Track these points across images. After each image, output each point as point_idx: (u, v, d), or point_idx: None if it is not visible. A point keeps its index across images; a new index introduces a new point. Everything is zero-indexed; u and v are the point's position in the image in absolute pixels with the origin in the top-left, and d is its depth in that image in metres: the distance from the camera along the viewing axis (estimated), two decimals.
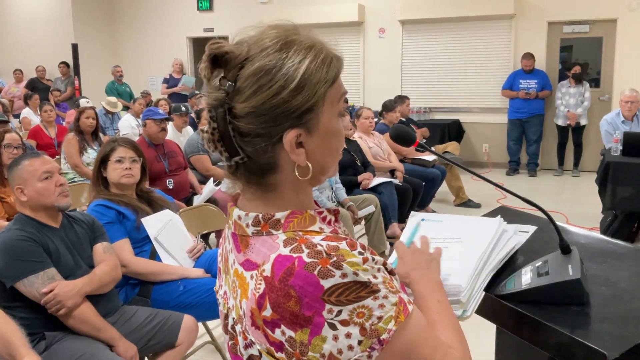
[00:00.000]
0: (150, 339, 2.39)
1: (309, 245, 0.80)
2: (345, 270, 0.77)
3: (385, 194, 4.89)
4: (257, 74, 0.82)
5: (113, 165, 2.80)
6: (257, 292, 0.81)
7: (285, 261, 0.80)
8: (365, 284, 0.78)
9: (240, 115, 0.83)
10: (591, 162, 8.10)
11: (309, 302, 0.77)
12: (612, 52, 8.18)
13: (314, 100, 0.83)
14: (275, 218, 0.86)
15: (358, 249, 0.81)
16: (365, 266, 0.79)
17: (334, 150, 0.89)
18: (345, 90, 0.90)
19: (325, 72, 0.84)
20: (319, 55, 0.84)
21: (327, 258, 0.78)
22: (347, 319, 0.77)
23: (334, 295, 0.76)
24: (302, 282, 0.77)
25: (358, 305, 0.77)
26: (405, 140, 1.05)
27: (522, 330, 1.15)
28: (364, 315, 0.77)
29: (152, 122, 4.52)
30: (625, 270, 1.22)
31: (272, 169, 0.86)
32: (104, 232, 2.49)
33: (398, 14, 9.16)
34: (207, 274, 2.78)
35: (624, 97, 5.51)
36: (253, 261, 0.85)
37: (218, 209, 3.68)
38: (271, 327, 0.80)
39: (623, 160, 4.77)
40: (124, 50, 11.63)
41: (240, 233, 0.89)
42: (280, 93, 0.81)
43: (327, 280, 0.77)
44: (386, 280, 0.81)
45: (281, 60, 0.82)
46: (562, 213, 5.87)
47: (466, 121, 9.00)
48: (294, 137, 0.83)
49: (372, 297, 0.78)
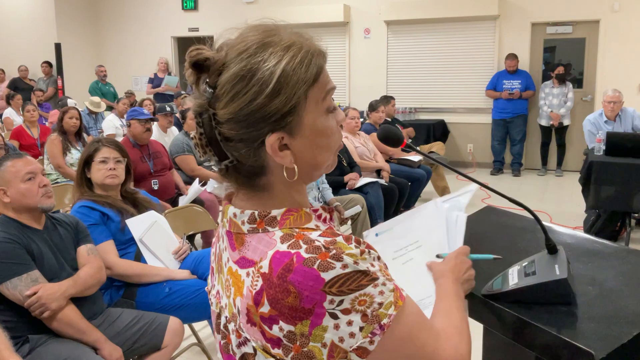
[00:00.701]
0: (136, 342, 2.37)
1: (307, 241, 0.80)
2: (346, 261, 0.78)
3: (372, 194, 4.90)
4: (233, 80, 0.81)
5: (97, 165, 2.77)
6: (254, 288, 0.81)
7: (284, 257, 0.80)
8: (366, 272, 0.79)
9: (222, 121, 0.83)
10: (574, 161, 8.19)
11: (309, 296, 0.77)
12: (594, 53, 8.27)
13: (293, 102, 0.82)
14: (271, 215, 0.86)
15: (354, 242, 0.82)
16: (364, 256, 0.80)
17: (325, 148, 0.88)
18: (333, 85, 0.88)
19: (305, 71, 0.82)
20: (297, 54, 0.82)
21: (326, 252, 0.78)
22: (349, 307, 0.78)
23: (336, 286, 0.77)
24: (301, 277, 0.77)
25: (360, 293, 0.78)
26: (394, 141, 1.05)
27: (509, 330, 1.15)
28: (365, 303, 0.78)
29: (137, 123, 4.48)
30: (611, 269, 1.23)
31: (261, 171, 0.86)
32: (88, 234, 2.47)
33: (383, 15, 9.19)
34: (193, 276, 2.76)
35: (607, 98, 5.57)
36: (249, 258, 0.85)
37: (204, 210, 3.66)
38: (269, 323, 0.80)
39: (606, 160, 4.82)
40: (107, 49, 11.53)
41: (236, 231, 0.88)
42: (257, 98, 0.80)
43: (327, 273, 0.77)
44: (382, 269, 0.82)
45: (256, 65, 0.81)
46: (546, 212, 5.92)
47: (451, 121, 9.05)
48: (275, 141, 0.82)
49: (373, 284, 0.79)
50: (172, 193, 4.67)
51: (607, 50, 8.10)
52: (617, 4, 7.96)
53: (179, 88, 10.13)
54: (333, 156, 0.91)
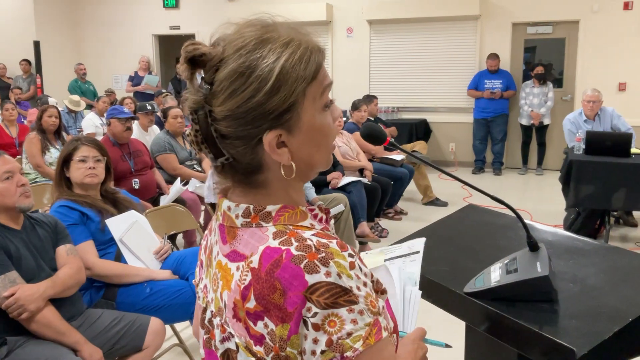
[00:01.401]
0: (116, 343, 2.34)
1: (299, 239, 0.79)
2: (331, 269, 0.76)
3: (355, 193, 4.90)
4: (231, 77, 0.80)
5: (76, 164, 2.73)
6: (243, 283, 0.80)
7: (273, 253, 0.79)
8: (346, 290, 0.76)
9: (219, 118, 0.82)
10: (554, 160, 8.28)
11: (292, 297, 0.75)
12: (574, 53, 8.36)
13: (292, 100, 0.81)
14: (266, 210, 0.85)
15: (348, 251, 0.79)
16: (351, 272, 0.77)
17: (321, 145, 0.87)
18: (330, 80, 0.87)
19: (304, 68, 0.81)
20: (296, 51, 0.81)
21: (315, 253, 0.77)
22: (319, 323, 0.75)
23: (315, 294, 0.75)
24: (288, 274, 0.76)
25: (332, 312, 0.75)
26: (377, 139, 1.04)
27: (492, 327, 1.16)
28: (335, 325, 0.75)
29: (117, 121, 4.43)
30: (592, 267, 1.24)
31: (258, 169, 0.85)
32: (67, 234, 2.43)
33: (366, 14, 9.20)
34: (175, 276, 2.74)
35: (586, 97, 5.63)
36: (240, 252, 0.84)
37: (186, 209, 3.63)
38: (254, 319, 0.79)
39: (585, 159, 4.88)
40: (87, 47, 11.40)
41: (229, 224, 0.87)
42: (255, 96, 0.79)
43: (311, 276, 0.75)
44: (369, 297, 0.78)
45: (255, 61, 0.80)
46: (527, 211, 5.98)
47: (433, 121, 9.09)
48: (273, 138, 0.81)
49: (348, 308, 0.75)
50: (154, 192, 4.63)
51: (587, 50, 8.20)
52: (596, 5, 8.06)
53: (159, 87, 10.05)
54: (329, 155, 0.90)
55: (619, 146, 4.88)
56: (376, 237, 5.14)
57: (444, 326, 1.73)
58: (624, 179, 4.68)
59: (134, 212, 2.85)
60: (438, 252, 1.45)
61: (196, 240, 4.59)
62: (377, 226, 5.44)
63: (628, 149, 4.88)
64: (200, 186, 4.65)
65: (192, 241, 4.59)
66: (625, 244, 5.07)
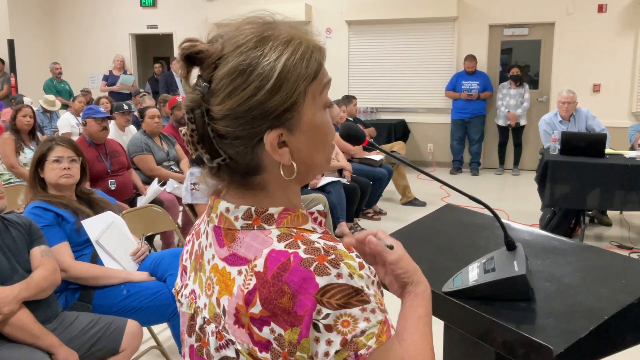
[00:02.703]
0: (92, 346, 2.31)
1: (306, 242, 0.77)
2: (342, 270, 0.74)
3: (334, 193, 4.91)
4: (231, 75, 0.78)
5: (51, 165, 2.69)
6: (246, 287, 0.77)
7: (280, 256, 0.76)
8: (358, 290, 0.75)
9: (217, 118, 0.79)
10: (530, 161, 8.38)
11: (302, 300, 0.73)
12: (550, 55, 8.48)
13: (293, 99, 0.79)
14: (268, 212, 0.82)
15: (354, 252, 0.78)
16: (362, 272, 0.76)
17: (321, 144, 0.85)
18: (329, 78, 0.85)
19: (305, 67, 0.80)
20: (298, 49, 0.80)
21: (324, 255, 0.75)
22: (332, 324, 0.74)
23: (326, 295, 0.73)
24: (297, 278, 0.74)
25: (345, 312, 0.74)
26: (355, 138, 1.04)
27: (470, 327, 1.16)
28: (348, 325, 0.74)
29: (93, 121, 4.38)
30: (568, 265, 1.25)
31: (256, 170, 0.83)
32: (41, 235, 2.39)
33: (344, 15, 9.22)
34: (152, 278, 2.71)
35: (561, 98, 5.71)
36: (242, 256, 0.81)
37: (163, 210, 3.60)
38: (259, 324, 0.76)
39: (561, 159, 4.94)
40: (63, 46, 11.24)
41: (226, 226, 0.84)
42: (256, 94, 0.77)
43: (322, 278, 0.74)
44: (377, 295, 0.78)
45: (256, 59, 0.78)
46: (504, 210, 6.04)
47: (411, 121, 9.15)
48: (275, 138, 0.79)
49: (361, 307, 0.75)
50: (130, 193, 4.58)
51: (562, 52, 8.32)
52: (571, 7, 8.18)
53: (135, 87, 9.94)
54: (328, 156, 0.89)
55: (594, 146, 4.95)
56: None
57: None
58: (598, 179, 4.75)
59: (110, 213, 2.82)
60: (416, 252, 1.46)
61: (174, 242, 4.55)
62: (357, 226, 5.45)
63: (602, 149, 4.96)
64: (178, 187, 4.61)
65: (170, 242, 4.55)
66: (600, 242, 5.15)
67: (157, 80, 10.24)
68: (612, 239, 5.24)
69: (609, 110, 7.91)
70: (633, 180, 4.63)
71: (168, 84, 9.53)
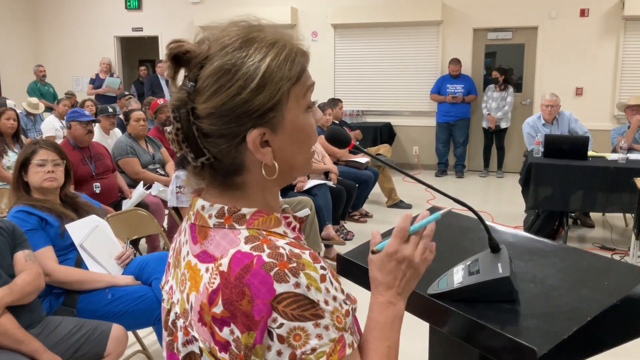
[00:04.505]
0: (77, 350, 2.29)
1: (271, 247, 0.78)
2: (300, 280, 0.75)
3: (320, 196, 4.91)
4: (217, 74, 0.80)
5: (34, 168, 2.67)
6: (211, 286, 0.79)
7: (244, 258, 0.77)
8: (313, 303, 0.75)
9: (202, 116, 0.81)
10: (514, 163, 8.45)
11: (259, 306, 0.74)
12: (533, 58, 8.56)
13: (276, 99, 0.81)
14: (241, 212, 0.84)
15: (321, 263, 0.79)
16: (321, 285, 0.76)
17: (303, 146, 0.87)
18: (313, 81, 0.88)
19: (289, 69, 0.82)
20: (282, 51, 0.82)
21: (287, 262, 0.76)
22: (284, 336, 0.74)
23: (282, 304, 0.74)
24: (257, 281, 0.75)
25: (298, 325, 0.74)
26: (341, 142, 1.04)
27: (455, 329, 1.17)
28: (300, 339, 0.74)
29: (78, 124, 4.35)
30: (551, 267, 1.27)
31: (238, 169, 0.84)
32: (25, 240, 2.37)
33: (330, 18, 9.24)
34: (137, 281, 2.69)
35: (545, 102, 5.77)
36: (211, 253, 0.82)
37: (148, 214, 3.58)
38: (219, 324, 0.77)
39: (544, 162, 4.99)
40: (47, 48, 11.14)
41: (200, 224, 0.86)
42: (241, 93, 0.79)
43: (280, 285, 0.74)
44: (336, 312, 0.77)
45: (241, 59, 0.80)
46: (488, 212, 6.08)
47: (397, 124, 9.19)
48: (257, 137, 0.81)
49: (314, 322, 0.75)
50: (115, 196, 4.55)
51: (545, 56, 8.41)
52: (554, 12, 8.27)
53: (121, 89, 9.87)
54: (309, 159, 0.90)
55: (577, 149, 5.01)
56: (342, 240, 5.16)
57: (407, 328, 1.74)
58: (581, 181, 4.81)
59: (94, 217, 2.80)
60: None
61: (159, 245, 4.52)
62: (343, 229, 5.46)
63: (585, 151, 5.02)
64: (163, 190, 4.58)
65: (156, 246, 4.52)
66: (583, 244, 5.21)
67: (142, 83, 10.17)
68: (595, 241, 5.30)
69: (592, 114, 8.01)
70: (615, 183, 4.69)
71: (153, 87, 9.48)
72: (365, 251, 1.51)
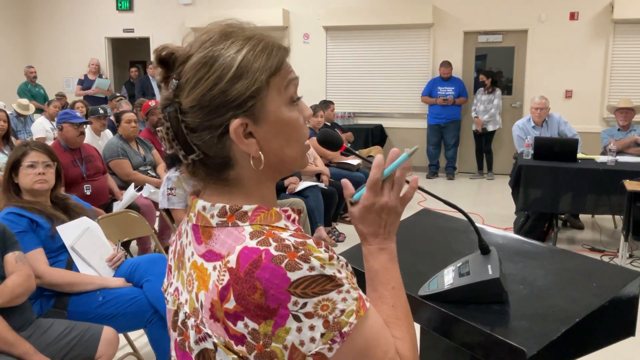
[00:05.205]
0: (68, 353, 2.28)
1: (277, 240, 0.80)
2: (313, 263, 0.78)
3: (312, 197, 4.92)
4: (196, 67, 0.83)
5: (25, 170, 2.66)
6: (220, 283, 0.80)
7: (252, 253, 0.79)
8: (331, 277, 0.79)
9: (187, 111, 0.83)
10: (504, 165, 8.49)
11: (275, 295, 0.76)
12: (523, 61, 8.62)
13: (254, 88, 0.83)
14: (242, 210, 0.86)
15: (323, 247, 0.82)
16: (332, 262, 0.80)
17: (291, 138, 0.88)
18: (295, 76, 0.89)
19: (266, 59, 0.84)
20: (259, 44, 0.85)
21: (294, 252, 0.78)
22: (311, 311, 0.77)
23: (300, 287, 0.77)
24: (268, 274, 0.77)
25: (323, 297, 0.78)
26: (333, 144, 1.05)
27: (445, 330, 1.18)
28: (328, 308, 0.78)
29: (70, 126, 4.33)
30: (540, 269, 1.28)
31: (228, 163, 0.86)
32: (15, 241, 2.36)
33: (322, 20, 9.25)
34: (128, 284, 2.69)
35: (534, 104, 5.81)
36: (217, 252, 0.84)
37: (140, 216, 3.57)
38: (233, 319, 0.79)
39: (534, 164, 5.03)
40: (38, 50, 11.07)
41: (203, 224, 0.88)
42: (218, 83, 0.81)
43: (294, 273, 0.77)
44: (349, 277, 0.83)
45: (218, 52, 0.83)
46: (479, 214, 6.11)
47: (388, 126, 9.21)
48: (239, 127, 0.82)
49: (337, 290, 0.79)
50: (106, 198, 4.53)
51: (535, 59, 8.46)
52: (544, 15, 8.33)
53: (111, 90, 9.83)
54: (302, 152, 0.92)
55: (566, 151, 5.05)
56: (333, 242, 5.17)
57: None
58: (570, 183, 4.84)
59: (85, 219, 2.79)
60: None
61: (150, 247, 4.51)
62: (335, 230, 5.46)
63: (574, 154, 5.06)
64: (154, 192, 4.57)
65: (147, 248, 4.50)
66: (572, 246, 5.24)
67: (133, 84, 10.14)
68: (584, 242, 5.33)
69: (581, 116, 8.07)
70: (604, 185, 4.73)
71: (144, 88, 9.45)
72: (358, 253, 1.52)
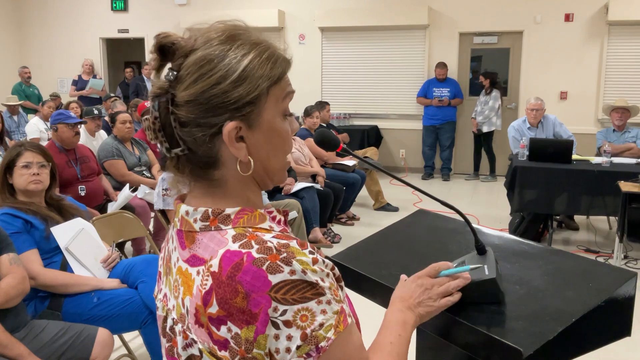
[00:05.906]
0: (62, 355, 2.27)
1: (259, 242, 0.79)
2: (295, 267, 0.77)
3: (307, 198, 4.92)
4: (199, 63, 0.82)
5: (19, 171, 2.65)
6: (204, 288, 0.80)
7: (234, 256, 0.78)
8: (312, 284, 0.78)
9: (181, 104, 0.82)
10: (500, 166, 8.50)
11: (256, 298, 0.76)
12: (518, 62, 8.64)
13: (255, 94, 0.82)
14: (225, 213, 0.85)
15: (308, 248, 0.81)
16: (315, 267, 0.79)
17: (279, 149, 0.89)
18: (293, 90, 0.89)
19: (270, 68, 0.84)
20: (265, 51, 0.84)
21: (277, 254, 0.77)
22: (290, 320, 0.76)
23: (281, 292, 0.76)
24: (250, 277, 0.76)
25: (302, 307, 0.77)
26: (330, 144, 1.05)
27: (441, 330, 1.18)
28: (307, 319, 0.77)
29: (65, 127, 4.31)
30: (536, 269, 1.28)
31: (214, 163, 0.85)
32: (10, 243, 2.34)
33: (317, 21, 9.25)
34: (123, 285, 2.68)
35: (530, 105, 5.82)
36: (200, 256, 0.83)
37: (134, 217, 3.56)
38: (216, 324, 0.78)
39: (529, 165, 5.04)
40: (32, 50, 11.03)
41: (187, 229, 0.87)
42: (221, 83, 0.81)
43: (275, 276, 0.76)
44: (332, 287, 0.81)
45: (224, 52, 0.82)
46: (474, 215, 6.12)
47: (384, 127, 9.21)
48: (233, 129, 0.82)
49: (317, 300, 0.78)
50: (101, 199, 4.52)
51: (530, 60, 8.48)
52: (539, 16, 8.36)
53: (105, 91, 9.81)
54: (284, 165, 0.91)
55: (561, 153, 5.06)
56: (329, 243, 5.17)
57: None
58: (565, 185, 4.86)
59: (80, 220, 2.78)
60: (389, 257, 1.47)
61: (145, 248, 4.50)
62: (330, 232, 5.46)
63: (569, 155, 5.08)
64: (149, 192, 4.56)
65: (141, 249, 4.49)
66: (567, 247, 5.26)
67: (128, 85, 10.12)
68: (579, 243, 5.35)
69: (576, 117, 8.09)
70: (599, 186, 4.74)
71: (138, 89, 9.43)
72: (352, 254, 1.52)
